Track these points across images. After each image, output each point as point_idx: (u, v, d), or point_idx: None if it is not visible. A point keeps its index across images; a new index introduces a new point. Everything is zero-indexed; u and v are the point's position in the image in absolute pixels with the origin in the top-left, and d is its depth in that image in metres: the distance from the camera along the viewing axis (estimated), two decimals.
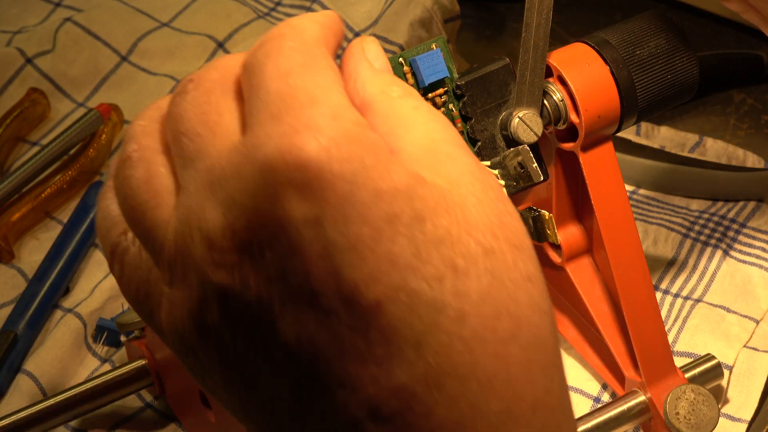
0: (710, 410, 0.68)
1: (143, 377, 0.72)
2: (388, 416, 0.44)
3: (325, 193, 0.43)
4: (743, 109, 0.89)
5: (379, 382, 0.44)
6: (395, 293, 0.43)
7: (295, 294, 0.44)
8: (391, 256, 0.44)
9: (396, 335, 0.44)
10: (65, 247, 0.81)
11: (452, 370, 0.44)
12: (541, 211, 0.62)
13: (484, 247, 0.45)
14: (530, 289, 0.46)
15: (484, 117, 0.62)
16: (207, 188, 0.45)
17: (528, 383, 0.45)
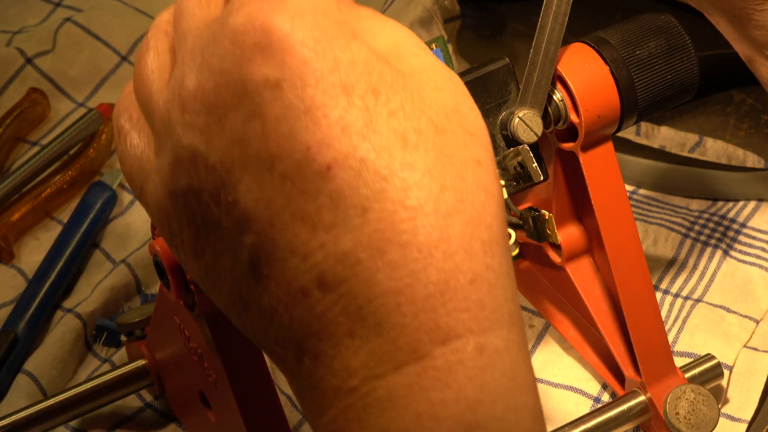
0: (710, 410, 0.68)
1: (143, 377, 0.72)
2: (333, 284, 0.46)
3: (287, 57, 0.46)
4: (743, 109, 0.89)
5: (326, 248, 0.46)
6: (345, 159, 0.46)
7: (254, 157, 0.47)
8: (344, 123, 0.46)
9: (343, 201, 0.46)
10: (65, 247, 0.81)
11: (395, 237, 0.46)
12: (541, 211, 0.62)
13: (436, 126, 0.47)
14: (478, 171, 0.48)
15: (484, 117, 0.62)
16: (190, 57, 0.48)
17: (467, 256, 0.47)
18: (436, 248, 0.46)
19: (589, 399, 0.73)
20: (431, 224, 0.46)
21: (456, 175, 0.47)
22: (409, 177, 0.46)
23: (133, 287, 0.80)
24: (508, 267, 0.48)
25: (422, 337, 0.46)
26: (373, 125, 0.46)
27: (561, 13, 0.61)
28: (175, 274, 0.59)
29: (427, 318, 0.46)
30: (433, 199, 0.47)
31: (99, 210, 0.84)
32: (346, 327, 0.47)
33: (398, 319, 0.46)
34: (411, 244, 0.46)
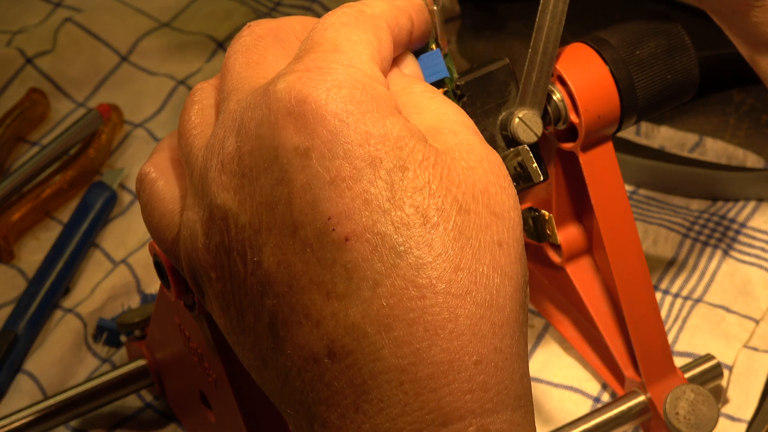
0: (710, 410, 0.68)
1: (143, 377, 0.72)
2: (341, 354, 0.47)
3: (318, 128, 0.47)
4: (743, 109, 0.89)
5: (337, 317, 0.47)
6: (363, 232, 0.46)
7: (279, 221, 0.47)
8: (367, 197, 0.47)
9: (357, 272, 0.47)
10: (65, 247, 0.81)
11: (402, 314, 0.46)
12: (541, 211, 0.62)
13: (460, 206, 0.48)
14: (497, 253, 0.48)
15: (483, 117, 0.62)
16: (231, 118, 0.49)
17: (474, 338, 0.47)
18: (442, 328, 0.46)
19: (589, 399, 0.73)
20: (440, 304, 0.47)
21: (473, 256, 0.47)
22: (424, 255, 0.47)
23: (133, 287, 0.80)
24: (519, 349, 0.48)
25: (424, 417, 0.46)
26: (395, 201, 0.47)
27: (558, 12, 0.61)
28: (175, 274, 0.59)
29: (429, 398, 0.46)
30: (445, 280, 0.47)
31: (99, 210, 0.84)
32: (351, 399, 0.47)
33: (400, 397, 0.46)
34: (418, 323, 0.46)
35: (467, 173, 0.48)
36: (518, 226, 0.49)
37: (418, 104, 0.51)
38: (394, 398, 0.46)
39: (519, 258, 0.49)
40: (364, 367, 0.47)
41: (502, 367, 0.47)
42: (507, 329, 0.48)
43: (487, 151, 0.50)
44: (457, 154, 0.49)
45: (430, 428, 0.46)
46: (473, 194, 0.48)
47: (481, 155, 0.49)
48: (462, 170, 0.48)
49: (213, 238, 0.49)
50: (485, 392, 0.47)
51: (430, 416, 0.46)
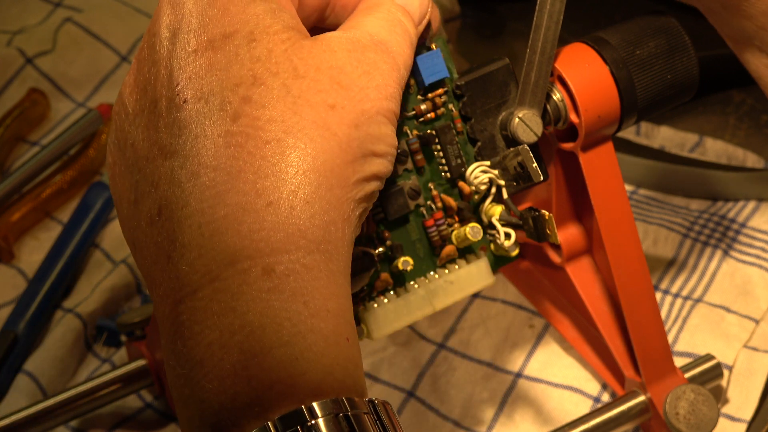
0: (710, 410, 0.68)
1: (143, 377, 0.72)
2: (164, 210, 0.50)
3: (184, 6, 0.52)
4: (743, 109, 0.89)
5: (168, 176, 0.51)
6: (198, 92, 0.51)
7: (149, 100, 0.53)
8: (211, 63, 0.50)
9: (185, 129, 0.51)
10: (65, 247, 0.81)
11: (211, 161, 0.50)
12: (541, 211, 0.62)
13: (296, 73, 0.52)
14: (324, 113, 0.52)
15: (484, 117, 0.62)
16: None
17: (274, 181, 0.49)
18: (243, 171, 0.49)
19: (589, 399, 0.73)
20: (245, 151, 0.49)
21: (292, 111, 0.50)
22: (243, 109, 0.50)
23: (133, 287, 0.80)
24: (331, 197, 0.50)
25: (215, 257, 0.48)
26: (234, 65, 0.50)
27: (556, 11, 0.61)
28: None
29: (220, 239, 0.48)
30: (256, 127, 0.49)
31: (99, 210, 0.84)
32: (166, 251, 0.49)
33: (198, 240, 0.48)
34: (222, 168, 0.49)
35: (323, 53, 0.52)
36: (369, 101, 0.52)
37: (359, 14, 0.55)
38: (193, 242, 0.48)
39: (356, 124, 0.51)
40: (174, 216, 0.49)
41: (299, 209, 0.49)
42: (314, 175, 0.49)
43: (366, 50, 0.53)
44: (325, 42, 0.52)
45: (219, 268, 0.48)
46: (318, 66, 0.51)
47: (355, 47, 0.53)
48: (319, 50, 0.52)
49: (111, 136, 0.54)
50: (274, 232, 0.48)
51: (220, 256, 0.48)
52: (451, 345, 0.76)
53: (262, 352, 0.47)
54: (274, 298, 0.47)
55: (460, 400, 0.73)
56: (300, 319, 0.47)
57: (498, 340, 0.76)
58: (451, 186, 0.62)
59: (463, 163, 0.62)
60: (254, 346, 0.47)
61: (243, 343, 0.47)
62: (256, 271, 0.48)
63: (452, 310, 0.77)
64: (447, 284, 0.62)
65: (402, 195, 0.61)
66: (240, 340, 0.47)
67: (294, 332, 0.47)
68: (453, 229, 0.62)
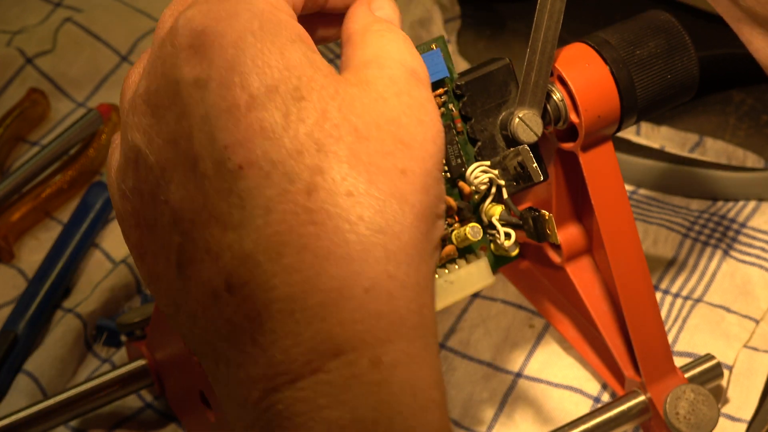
0: (710, 410, 0.68)
1: (143, 377, 0.72)
2: (237, 286, 0.46)
3: (215, 58, 0.47)
4: (743, 109, 0.89)
5: (233, 249, 0.46)
6: (257, 160, 0.46)
7: (182, 156, 0.47)
8: (262, 125, 0.46)
9: (250, 200, 0.46)
10: (65, 247, 0.81)
11: (293, 240, 0.46)
12: (541, 211, 0.62)
13: (359, 134, 0.47)
14: (397, 180, 0.47)
15: (484, 117, 0.62)
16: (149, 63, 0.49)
17: (365, 264, 0.46)
18: (332, 254, 0.46)
19: (589, 399, 0.73)
20: (329, 229, 0.46)
21: (368, 181, 0.47)
22: (317, 181, 0.46)
23: (133, 287, 0.80)
24: (420, 279, 0.47)
25: (316, 347, 0.45)
26: (289, 128, 0.46)
27: (556, 11, 0.61)
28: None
29: (319, 328, 0.45)
30: (336, 204, 0.46)
31: (99, 210, 0.84)
32: (248, 333, 0.46)
33: (292, 327, 0.45)
34: (307, 249, 0.46)
35: (376, 103, 0.48)
36: (432, 158, 0.48)
37: (366, 40, 0.51)
38: (286, 328, 0.45)
39: (425, 188, 0.48)
40: (258, 298, 0.46)
41: (397, 295, 0.46)
42: (403, 257, 0.47)
43: (410, 87, 0.49)
44: (371, 86, 0.49)
45: (321, 359, 0.45)
46: (377, 123, 0.48)
47: (401, 89, 0.49)
48: (371, 101, 0.48)
49: (128, 183, 0.49)
50: (377, 320, 0.46)
51: (322, 347, 0.45)
52: (451, 345, 0.76)
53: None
54: (384, 391, 0.45)
55: (460, 399, 0.73)
56: (410, 413, 0.46)
57: (498, 340, 0.76)
58: (451, 186, 0.62)
59: (463, 163, 0.62)
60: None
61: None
62: (363, 362, 0.45)
63: (452, 310, 0.77)
64: (447, 284, 0.62)
65: None
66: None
67: (406, 427, 0.46)
68: (453, 229, 0.62)
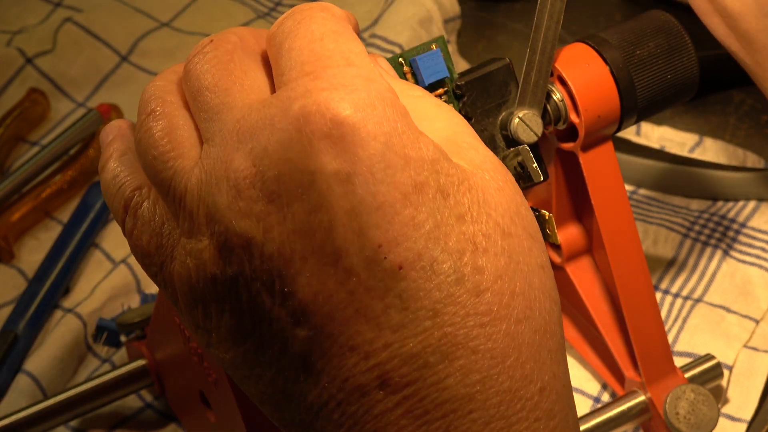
0: (710, 410, 0.68)
1: (143, 377, 0.72)
2: (398, 385, 0.45)
3: (358, 151, 0.44)
4: (743, 109, 0.89)
5: (391, 348, 0.45)
6: (417, 260, 0.45)
7: (318, 250, 0.45)
8: (416, 223, 0.45)
9: (414, 302, 0.45)
10: (65, 247, 0.81)
11: (466, 342, 0.45)
12: (541, 211, 0.62)
13: (503, 230, 0.46)
14: (543, 276, 0.47)
15: (484, 117, 0.62)
16: (235, 139, 0.46)
17: (537, 365, 0.46)
18: (506, 356, 0.45)
19: (589, 399, 0.73)
20: (502, 331, 0.45)
21: (524, 280, 0.46)
22: (481, 282, 0.45)
23: (133, 287, 0.80)
24: (567, 375, 0.48)
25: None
26: (442, 228, 0.45)
27: (556, 11, 0.61)
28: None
29: (499, 426, 0.45)
30: (505, 305, 0.45)
31: (99, 210, 0.84)
32: (408, 430, 0.45)
33: (468, 426, 0.45)
34: (482, 350, 0.45)
35: (500, 194, 0.47)
36: (545, 246, 0.48)
37: (426, 111, 0.49)
38: (461, 428, 0.45)
39: (554, 280, 0.48)
40: (426, 398, 0.45)
41: (561, 393, 0.47)
42: (559, 356, 0.47)
43: (504, 168, 0.48)
44: (487, 174, 0.47)
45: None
46: (510, 217, 0.47)
47: (504, 173, 0.48)
48: (495, 191, 0.47)
49: (228, 269, 0.46)
50: (551, 419, 0.46)
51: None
52: None
53: None
54: None
55: None
56: None
57: None
58: None
59: None
60: None
61: None
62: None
63: None
64: None
65: None
66: None
67: None
68: None
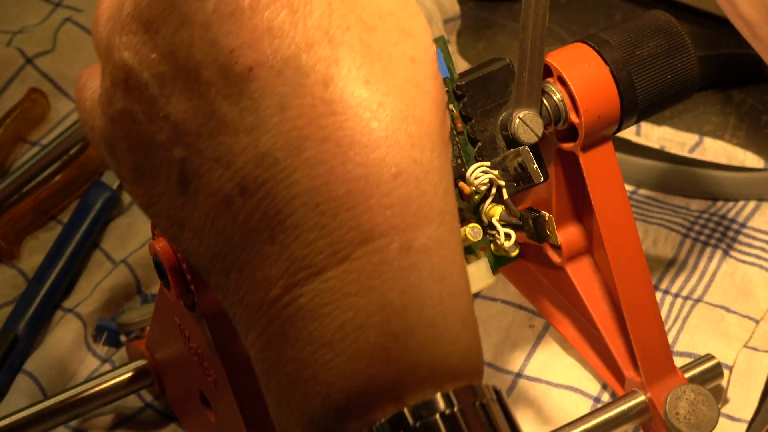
0: (710, 410, 0.68)
1: (143, 377, 0.72)
2: (253, 188, 0.45)
3: None
4: (743, 109, 0.90)
5: (247, 152, 0.45)
6: (267, 59, 0.45)
7: (183, 67, 0.46)
8: (269, 24, 0.45)
9: (263, 100, 0.45)
10: (65, 247, 0.81)
11: (313, 133, 0.45)
12: (541, 212, 0.62)
13: (365, 24, 0.47)
14: (410, 67, 0.47)
15: (484, 117, 0.62)
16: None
17: (391, 150, 0.45)
18: (356, 142, 0.45)
19: (589, 399, 0.73)
20: (352, 117, 0.45)
21: (383, 69, 0.46)
22: (332, 72, 0.45)
23: (133, 287, 0.80)
24: (441, 163, 0.47)
25: (343, 237, 0.45)
26: (297, 24, 0.46)
27: (542, 9, 0.61)
28: (175, 274, 0.59)
29: (347, 216, 0.45)
30: (355, 93, 0.45)
31: (99, 210, 0.83)
32: (266, 233, 0.45)
33: (317, 219, 0.45)
34: (330, 140, 0.45)
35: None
36: (431, 48, 0.48)
37: None
38: (310, 221, 0.45)
39: (435, 75, 0.48)
40: (277, 196, 0.45)
41: (423, 179, 0.46)
42: (427, 141, 0.46)
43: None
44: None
45: (349, 247, 0.45)
46: (379, 14, 0.47)
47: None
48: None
49: (116, 105, 0.48)
50: (407, 206, 0.45)
51: (350, 235, 0.45)
52: None
53: (405, 333, 0.44)
54: (414, 276, 0.45)
55: None
56: (440, 298, 0.45)
57: (498, 340, 0.76)
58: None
59: (463, 163, 0.62)
60: (396, 326, 0.44)
61: (384, 324, 0.44)
62: (393, 248, 0.45)
63: None
64: None
65: None
66: (380, 320, 0.44)
67: (435, 312, 0.45)
68: None
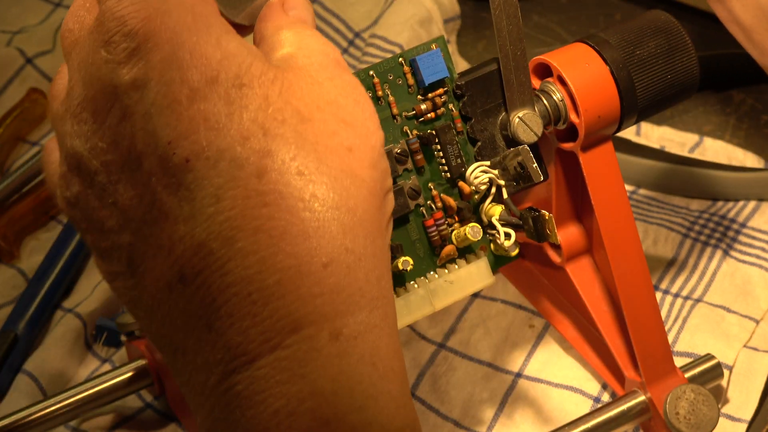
0: (710, 410, 0.68)
1: (143, 377, 0.72)
2: (191, 276, 0.46)
3: (151, 57, 0.47)
4: (743, 109, 0.90)
5: (184, 241, 0.46)
6: (202, 151, 0.46)
7: (126, 157, 0.47)
8: (204, 116, 0.46)
9: (199, 191, 0.46)
10: (65, 247, 0.81)
11: (246, 224, 0.46)
12: (541, 212, 0.62)
13: (302, 116, 0.48)
14: (345, 157, 0.48)
15: (484, 117, 0.62)
16: (76, 69, 0.49)
17: (322, 240, 0.46)
18: (287, 233, 0.46)
19: (589, 399, 0.73)
20: (283, 209, 0.46)
21: (318, 160, 0.47)
22: (266, 164, 0.46)
23: None
24: (375, 249, 0.48)
25: (273, 325, 0.46)
26: (233, 116, 0.47)
27: (512, 8, 0.61)
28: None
29: (277, 305, 0.46)
30: (288, 184, 0.46)
31: None
32: (204, 320, 0.46)
33: (249, 308, 0.46)
34: (261, 230, 0.46)
35: (312, 87, 0.49)
36: (373, 135, 0.49)
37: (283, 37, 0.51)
38: (243, 310, 0.46)
39: (373, 164, 0.49)
40: (212, 285, 0.46)
41: (355, 267, 0.47)
42: (359, 230, 0.47)
43: (340, 72, 0.50)
44: (304, 71, 0.49)
45: (280, 336, 0.45)
46: (318, 105, 0.48)
47: (332, 74, 0.50)
48: (307, 85, 0.49)
49: (72, 190, 0.50)
50: (337, 294, 0.46)
51: (280, 324, 0.46)
52: (451, 345, 0.76)
53: (336, 419, 0.45)
54: (344, 362, 0.46)
55: (460, 400, 0.73)
56: (371, 382, 0.46)
57: (498, 340, 0.76)
58: (451, 186, 0.62)
59: (463, 163, 0.62)
60: (327, 412, 0.45)
61: (315, 410, 0.45)
62: (323, 336, 0.46)
63: (452, 309, 0.77)
64: (447, 284, 0.62)
65: (402, 195, 0.61)
66: (311, 407, 0.45)
67: (366, 396, 0.46)
68: (453, 229, 0.62)
